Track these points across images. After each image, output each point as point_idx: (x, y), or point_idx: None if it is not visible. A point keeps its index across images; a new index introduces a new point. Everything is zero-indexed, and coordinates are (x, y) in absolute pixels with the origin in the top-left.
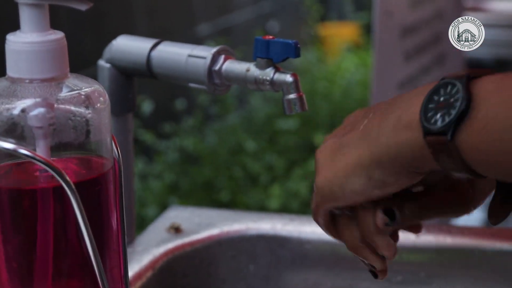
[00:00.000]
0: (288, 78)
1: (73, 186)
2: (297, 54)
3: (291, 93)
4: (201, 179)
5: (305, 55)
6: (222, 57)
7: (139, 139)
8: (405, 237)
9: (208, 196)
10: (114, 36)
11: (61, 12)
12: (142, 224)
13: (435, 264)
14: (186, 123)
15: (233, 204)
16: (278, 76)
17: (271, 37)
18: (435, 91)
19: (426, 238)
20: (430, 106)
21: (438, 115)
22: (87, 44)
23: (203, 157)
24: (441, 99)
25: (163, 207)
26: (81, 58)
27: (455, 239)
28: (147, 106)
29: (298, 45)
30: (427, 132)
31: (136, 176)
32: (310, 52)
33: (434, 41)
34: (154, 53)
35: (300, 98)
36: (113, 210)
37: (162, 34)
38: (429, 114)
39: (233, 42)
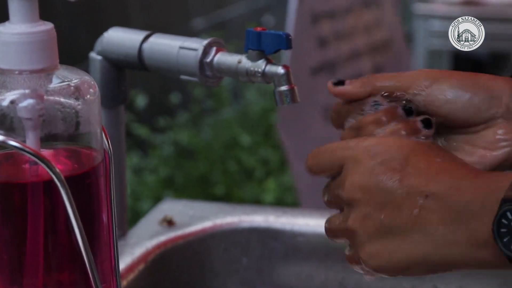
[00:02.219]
0: (280, 70)
1: (63, 178)
2: (288, 46)
3: (282, 85)
4: (196, 173)
5: None
6: (214, 49)
7: (133, 133)
8: None
9: (203, 190)
10: None
11: (57, 6)
12: (136, 218)
13: None
14: (181, 117)
15: (228, 198)
16: (270, 68)
17: (262, 28)
18: (503, 215)
19: None
20: (502, 230)
21: None
22: (82, 38)
23: (198, 151)
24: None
25: (158, 201)
26: (76, 52)
27: None
28: (141, 100)
29: (290, 37)
30: (509, 259)
31: (131, 170)
32: None
33: (370, 28)
34: (146, 45)
35: (291, 90)
36: (104, 202)
37: (157, 28)
38: (505, 240)
39: (228, 36)
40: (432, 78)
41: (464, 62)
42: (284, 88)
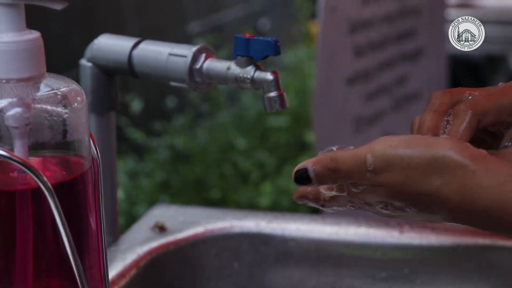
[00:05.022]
0: (269, 76)
1: (50, 186)
2: (276, 52)
3: (271, 91)
4: (192, 177)
5: (296, 53)
6: (203, 55)
7: (129, 138)
8: (389, 234)
9: (199, 194)
10: None
11: (51, 11)
12: (132, 222)
13: (418, 261)
14: (176, 121)
15: (224, 202)
16: (259, 74)
17: (251, 35)
18: None
19: (410, 235)
20: None
21: None
22: (77, 43)
23: (194, 155)
24: None
25: (153, 205)
26: (71, 57)
27: (439, 236)
28: (137, 104)
29: (278, 43)
30: None
31: (126, 175)
32: (301, 49)
33: (402, 37)
34: (136, 52)
35: (280, 96)
36: (92, 209)
37: (152, 32)
38: None
39: (223, 40)
40: None
41: (460, 65)
42: (273, 94)
